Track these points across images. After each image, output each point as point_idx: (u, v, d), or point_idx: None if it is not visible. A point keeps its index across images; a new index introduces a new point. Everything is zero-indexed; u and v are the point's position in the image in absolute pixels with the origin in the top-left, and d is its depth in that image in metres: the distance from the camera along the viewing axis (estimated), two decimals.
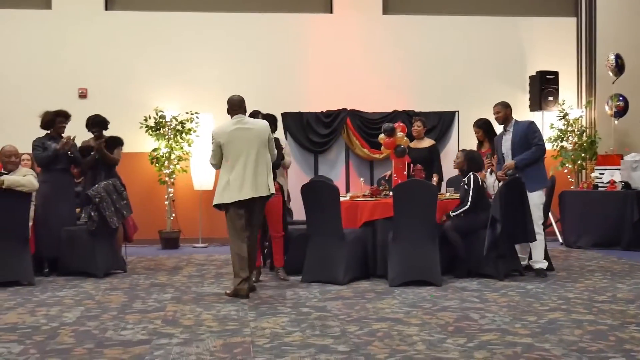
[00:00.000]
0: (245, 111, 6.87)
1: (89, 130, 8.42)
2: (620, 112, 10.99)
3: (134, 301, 6.47)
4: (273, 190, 6.74)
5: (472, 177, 7.60)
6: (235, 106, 6.82)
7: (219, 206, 6.68)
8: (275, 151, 7.01)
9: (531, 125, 7.73)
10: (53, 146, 8.07)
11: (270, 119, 7.61)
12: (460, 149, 8.17)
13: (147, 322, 5.54)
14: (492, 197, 7.59)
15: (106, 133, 8.46)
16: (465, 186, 7.60)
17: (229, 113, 6.85)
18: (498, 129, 8.23)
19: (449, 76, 11.80)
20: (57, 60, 11.22)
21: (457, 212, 7.53)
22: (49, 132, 8.27)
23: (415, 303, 6.19)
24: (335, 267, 7.26)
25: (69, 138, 8.07)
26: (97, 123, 8.40)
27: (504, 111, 7.82)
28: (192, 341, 4.91)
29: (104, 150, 8.25)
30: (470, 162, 7.73)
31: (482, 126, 8.66)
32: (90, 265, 7.88)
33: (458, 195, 8.03)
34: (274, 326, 5.35)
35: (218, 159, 6.71)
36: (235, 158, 6.59)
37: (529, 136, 7.62)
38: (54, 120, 8.24)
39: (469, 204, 7.49)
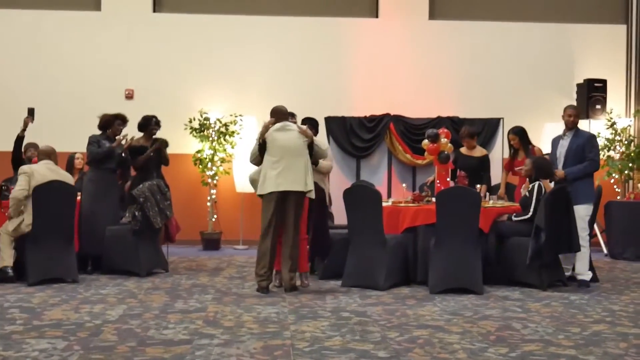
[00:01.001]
0: (288, 120, 7.27)
1: (143, 130, 8.55)
2: None
3: (175, 301, 6.53)
4: (311, 189, 6.97)
5: (536, 186, 7.47)
6: (281, 114, 7.21)
7: (261, 196, 7.05)
8: (326, 152, 7.37)
9: (591, 139, 7.61)
10: (107, 145, 8.21)
11: (312, 122, 7.73)
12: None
13: (188, 322, 5.58)
14: None
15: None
16: (528, 193, 7.49)
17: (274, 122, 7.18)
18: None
19: (495, 83, 11.68)
20: (105, 61, 11.37)
21: (519, 218, 7.45)
22: (104, 132, 8.41)
23: (456, 311, 6.14)
24: (376, 273, 7.24)
25: (131, 139, 8.32)
26: (157, 122, 8.63)
27: (579, 117, 7.71)
28: (232, 342, 4.93)
29: (164, 148, 8.52)
30: (537, 169, 7.58)
31: (519, 133, 8.54)
32: (133, 264, 7.98)
33: (500, 203, 7.96)
34: (314, 330, 5.35)
35: (255, 154, 7.19)
36: (276, 155, 6.97)
37: (585, 148, 7.48)
38: (113, 122, 8.41)
39: (530, 212, 7.37)
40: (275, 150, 7.01)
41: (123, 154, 8.35)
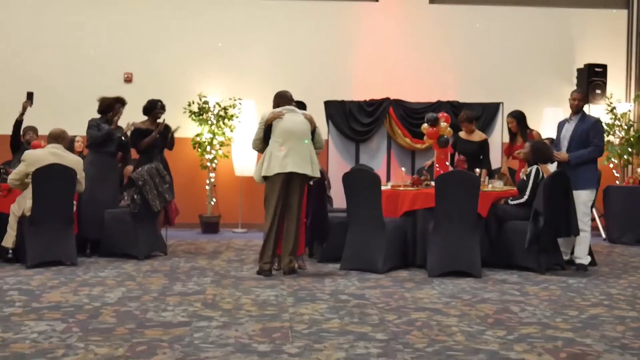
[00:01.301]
0: (292, 105, 7.26)
1: (147, 114, 8.53)
2: None
3: (174, 284, 6.54)
4: (318, 174, 7.06)
5: (534, 169, 7.48)
6: (285, 99, 7.25)
7: (266, 178, 7.02)
8: (322, 142, 7.31)
9: (596, 124, 7.54)
10: (107, 128, 8.19)
11: (300, 106, 7.77)
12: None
13: (187, 305, 5.60)
14: None
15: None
16: (525, 177, 7.50)
17: (278, 106, 7.20)
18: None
19: (495, 67, 11.65)
20: (103, 45, 11.34)
21: (515, 202, 7.47)
22: (105, 115, 8.38)
23: (454, 294, 6.16)
24: (374, 256, 7.25)
25: (132, 124, 8.36)
26: (163, 107, 8.61)
27: (584, 101, 7.65)
28: (231, 325, 4.95)
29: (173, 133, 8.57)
30: (535, 153, 7.59)
31: (517, 117, 8.57)
32: (131, 247, 7.99)
33: (499, 187, 7.97)
34: (313, 312, 5.36)
35: (258, 140, 7.13)
36: (283, 136, 6.97)
37: (590, 133, 7.43)
38: (114, 105, 8.38)
39: (526, 197, 7.39)
40: (281, 133, 6.98)
41: (123, 138, 8.33)
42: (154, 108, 8.55)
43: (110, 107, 8.36)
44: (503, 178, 8.58)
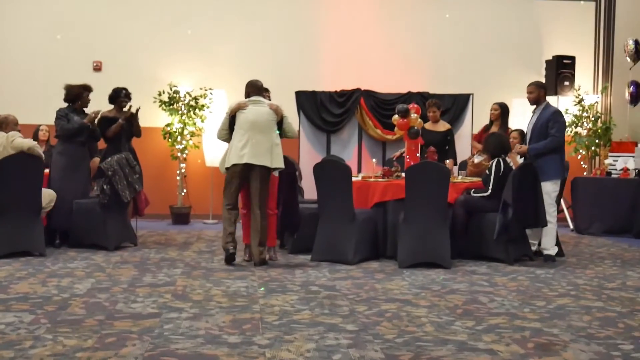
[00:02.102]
0: (262, 94, 7.34)
1: (113, 102, 8.42)
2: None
3: (144, 275, 6.51)
4: (279, 165, 7.10)
5: (495, 162, 7.54)
6: (256, 88, 7.30)
7: (227, 169, 7.14)
8: (293, 131, 7.39)
9: (554, 115, 7.57)
10: (76, 119, 8.09)
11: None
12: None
13: (157, 296, 5.58)
14: None
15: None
16: (488, 170, 7.57)
17: (248, 96, 7.27)
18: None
19: (465, 58, 11.71)
20: (72, 33, 11.21)
21: (478, 194, 7.52)
22: (72, 104, 8.27)
23: (424, 285, 6.20)
24: (345, 247, 7.27)
25: (97, 112, 8.15)
26: (127, 94, 8.47)
27: (537, 92, 7.65)
28: (201, 316, 4.94)
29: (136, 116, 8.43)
30: (494, 145, 7.66)
31: (503, 107, 8.63)
32: (101, 238, 7.93)
33: (469, 179, 8.03)
34: (283, 304, 5.37)
35: (223, 130, 7.29)
36: (245, 127, 7.06)
37: (549, 124, 7.48)
38: (81, 94, 8.26)
39: (489, 190, 7.46)
40: (243, 124, 7.07)
41: (90, 127, 8.21)
42: (118, 96, 8.41)
43: (79, 96, 8.26)
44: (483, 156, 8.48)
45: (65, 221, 7.98)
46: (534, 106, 7.68)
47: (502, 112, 8.63)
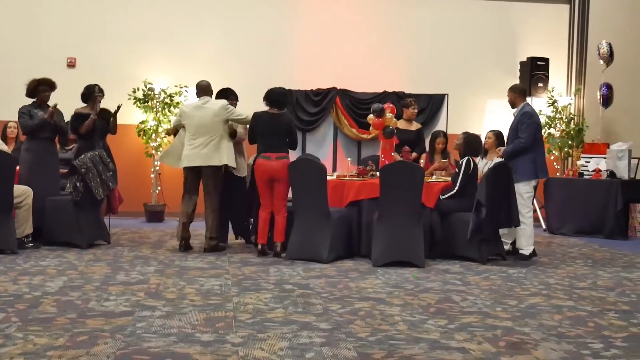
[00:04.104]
0: (210, 94, 7.95)
1: (86, 100, 8.34)
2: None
3: (117, 273, 6.47)
4: (228, 163, 7.71)
5: (464, 161, 7.60)
6: (200, 88, 7.92)
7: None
8: (243, 122, 7.90)
9: (522, 116, 7.66)
10: (39, 114, 8.01)
11: (225, 94, 8.26)
12: (463, 132, 8.11)
13: (130, 294, 5.54)
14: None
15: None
16: (457, 169, 7.62)
17: (197, 95, 7.94)
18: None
19: (440, 59, 11.77)
20: (46, 28, 11.10)
21: (446, 195, 7.57)
22: (34, 100, 8.19)
23: (397, 284, 6.23)
24: (319, 246, 7.28)
25: (53, 107, 8.01)
26: (101, 90, 8.41)
27: (511, 95, 7.84)
28: (174, 314, 4.92)
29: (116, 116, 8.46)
30: (466, 145, 7.73)
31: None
32: (74, 235, 7.87)
33: (444, 179, 8.07)
34: (257, 302, 5.37)
35: (173, 128, 8.27)
36: (191, 130, 7.74)
37: (518, 126, 7.62)
38: (37, 89, 8.16)
39: (456, 189, 7.53)
40: (191, 128, 7.73)
41: (54, 122, 8.07)
42: (92, 92, 8.33)
43: (34, 91, 8.15)
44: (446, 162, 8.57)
45: (37, 218, 7.89)
46: (514, 109, 7.82)
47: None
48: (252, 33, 11.49)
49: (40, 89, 8.15)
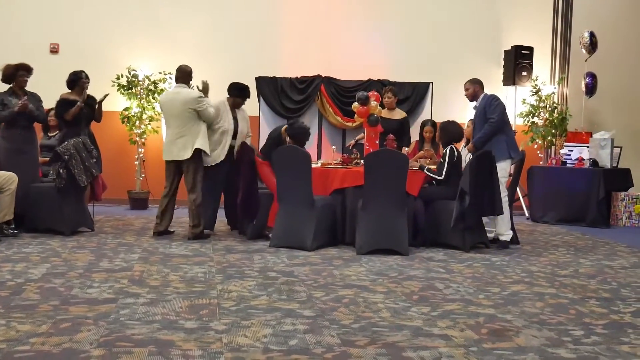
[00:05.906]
0: (189, 82, 7.96)
1: (72, 87, 8.27)
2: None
3: (100, 260, 6.45)
4: (200, 147, 7.62)
5: (448, 150, 7.63)
6: (180, 72, 7.91)
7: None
8: (209, 117, 7.77)
9: (490, 99, 7.70)
10: (14, 102, 7.90)
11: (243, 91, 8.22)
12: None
13: (113, 281, 5.54)
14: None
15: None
16: (442, 158, 7.65)
17: (177, 80, 7.98)
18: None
19: (425, 47, 11.77)
20: (28, 14, 11.00)
21: (431, 175, 7.58)
22: (11, 86, 8.10)
23: (381, 271, 6.25)
24: (303, 233, 7.29)
25: (24, 103, 7.83)
26: (87, 76, 8.33)
27: (472, 88, 7.85)
28: (158, 301, 4.92)
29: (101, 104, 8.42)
30: (443, 132, 7.79)
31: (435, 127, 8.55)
32: (57, 222, 7.84)
33: (428, 166, 8.10)
34: (241, 289, 5.38)
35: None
36: (168, 121, 7.91)
37: (487, 111, 7.65)
38: (15, 74, 8.03)
39: (442, 176, 7.55)
40: (165, 118, 7.94)
41: (29, 113, 7.94)
42: (78, 79, 8.27)
43: (12, 76, 8.03)
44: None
45: (18, 205, 7.80)
46: (474, 103, 7.83)
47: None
48: (238, 20, 11.44)
49: (19, 74, 8.01)
